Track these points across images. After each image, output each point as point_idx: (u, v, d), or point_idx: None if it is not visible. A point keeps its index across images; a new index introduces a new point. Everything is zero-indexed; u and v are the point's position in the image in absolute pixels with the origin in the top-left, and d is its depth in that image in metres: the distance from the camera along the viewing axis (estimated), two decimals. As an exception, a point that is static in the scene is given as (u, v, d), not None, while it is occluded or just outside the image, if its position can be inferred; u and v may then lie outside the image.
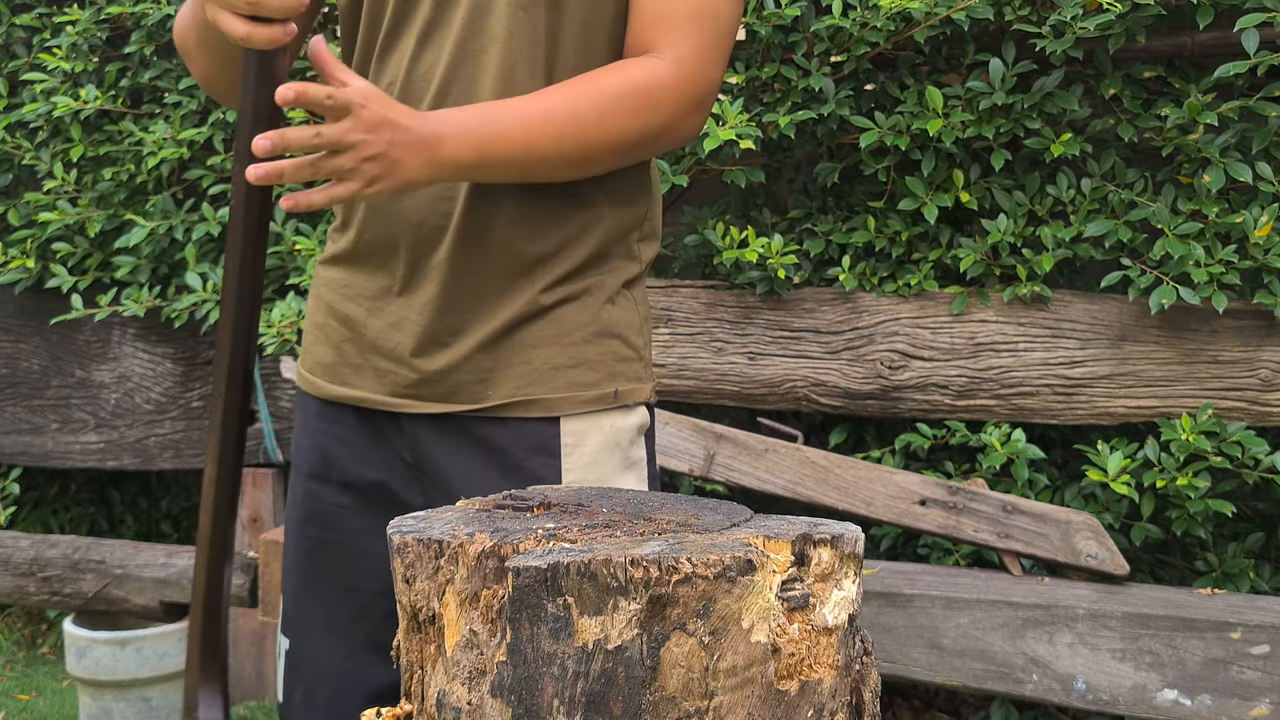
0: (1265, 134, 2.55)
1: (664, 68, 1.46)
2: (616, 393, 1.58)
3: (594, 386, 1.57)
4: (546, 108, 1.41)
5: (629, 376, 1.60)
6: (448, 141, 1.37)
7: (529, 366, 1.54)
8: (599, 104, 1.43)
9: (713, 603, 0.96)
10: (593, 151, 1.44)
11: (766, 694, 1.00)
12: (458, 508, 1.20)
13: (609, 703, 0.96)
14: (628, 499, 1.23)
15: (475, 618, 1.02)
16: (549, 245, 1.53)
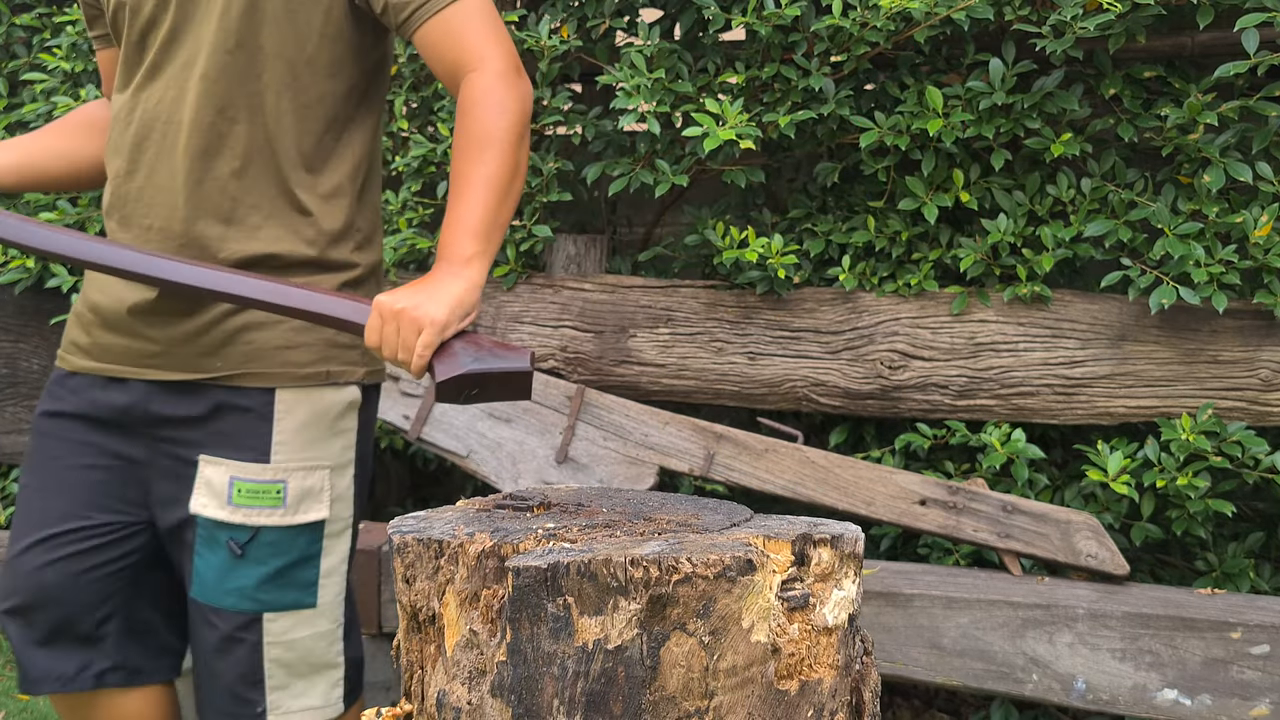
0: (1265, 134, 2.55)
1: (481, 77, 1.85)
2: (328, 372, 1.96)
3: (308, 365, 1.94)
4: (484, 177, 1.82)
5: (342, 360, 1.98)
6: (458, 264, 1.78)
7: (251, 346, 1.91)
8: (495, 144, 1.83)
9: (713, 603, 0.96)
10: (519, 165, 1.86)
11: (766, 694, 1.00)
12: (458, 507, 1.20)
13: (609, 702, 0.96)
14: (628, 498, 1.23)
15: (475, 618, 1.02)
16: (262, 247, 1.90)
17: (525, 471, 2.83)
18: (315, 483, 1.95)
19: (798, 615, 1.04)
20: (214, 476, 1.90)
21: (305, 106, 1.93)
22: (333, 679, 2.03)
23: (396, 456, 3.82)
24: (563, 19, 3.00)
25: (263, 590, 1.92)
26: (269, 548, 1.92)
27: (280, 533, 1.93)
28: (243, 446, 1.91)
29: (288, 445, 1.93)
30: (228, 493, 1.90)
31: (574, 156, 3.20)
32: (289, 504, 1.92)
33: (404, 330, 1.71)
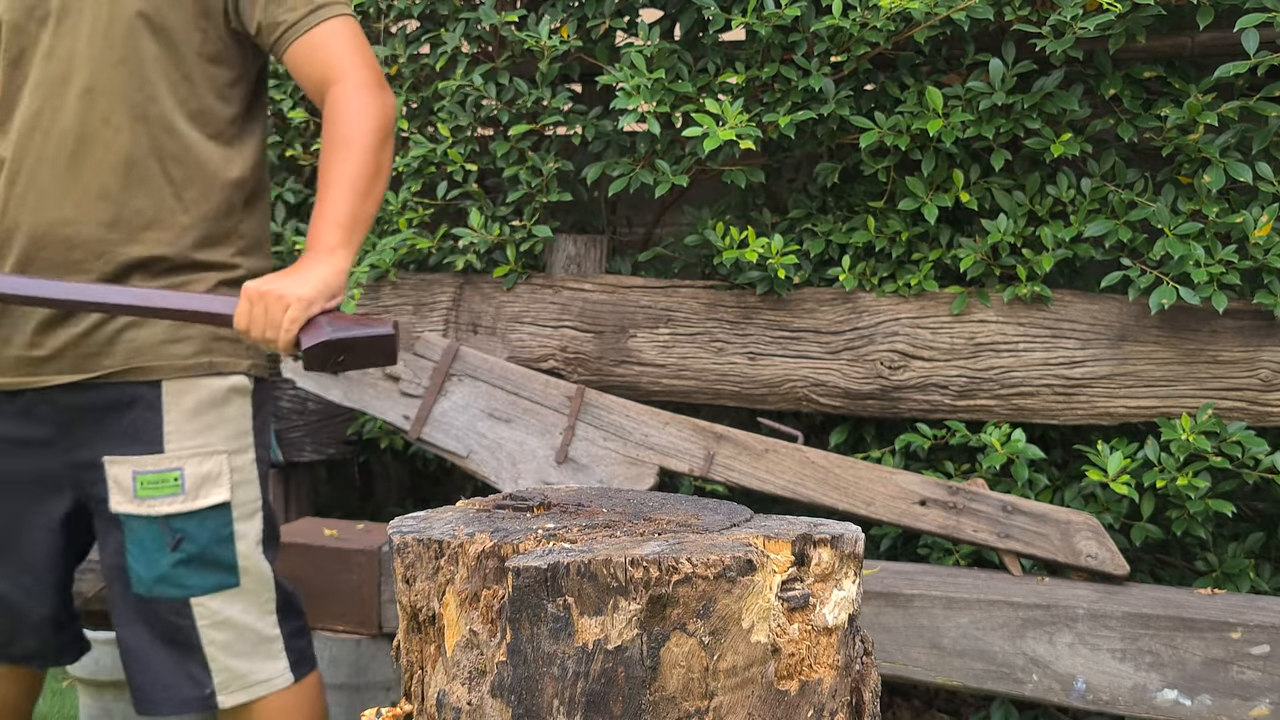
0: (1265, 134, 2.55)
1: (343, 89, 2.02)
2: (210, 362, 2.08)
3: (190, 357, 2.06)
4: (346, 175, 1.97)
5: (224, 351, 2.10)
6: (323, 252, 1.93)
7: (134, 344, 2.02)
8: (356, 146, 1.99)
9: (713, 603, 0.96)
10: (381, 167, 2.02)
11: (766, 694, 1.00)
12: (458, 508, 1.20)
13: (609, 703, 0.96)
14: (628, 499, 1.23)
15: (475, 618, 1.02)
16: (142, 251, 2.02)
17: (525, 472, 2.83)
18: (213, 467, 2.07)
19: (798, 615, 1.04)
20: (119, 475, 2.03)
21: (189, 118, 2.06)
22: (273, 651, 2.15)
23: (396, 457, 3.82)
24: (563, 19, 3.00)
25: (185, 576, 2.04)
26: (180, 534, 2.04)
27: (186, 519, 2.05)
28: (139, 440, 2.03)
29: (179, 433, 2.05)
30: (132, 487, 2.02)
31: (574, 157, 3.20)
32: (188, 490, 2.04)
33: (271, 309, 1.85)
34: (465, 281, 3.13)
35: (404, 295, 3.16)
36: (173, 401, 2.05)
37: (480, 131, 3.28)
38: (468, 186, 3.14)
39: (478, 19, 3.07)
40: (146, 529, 2.03)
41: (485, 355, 2.98)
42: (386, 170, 2.02)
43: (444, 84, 3.08)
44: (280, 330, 1.85)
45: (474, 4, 3.13)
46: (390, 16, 3.24)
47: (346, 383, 3.04)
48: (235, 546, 2.09)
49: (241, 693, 2.10)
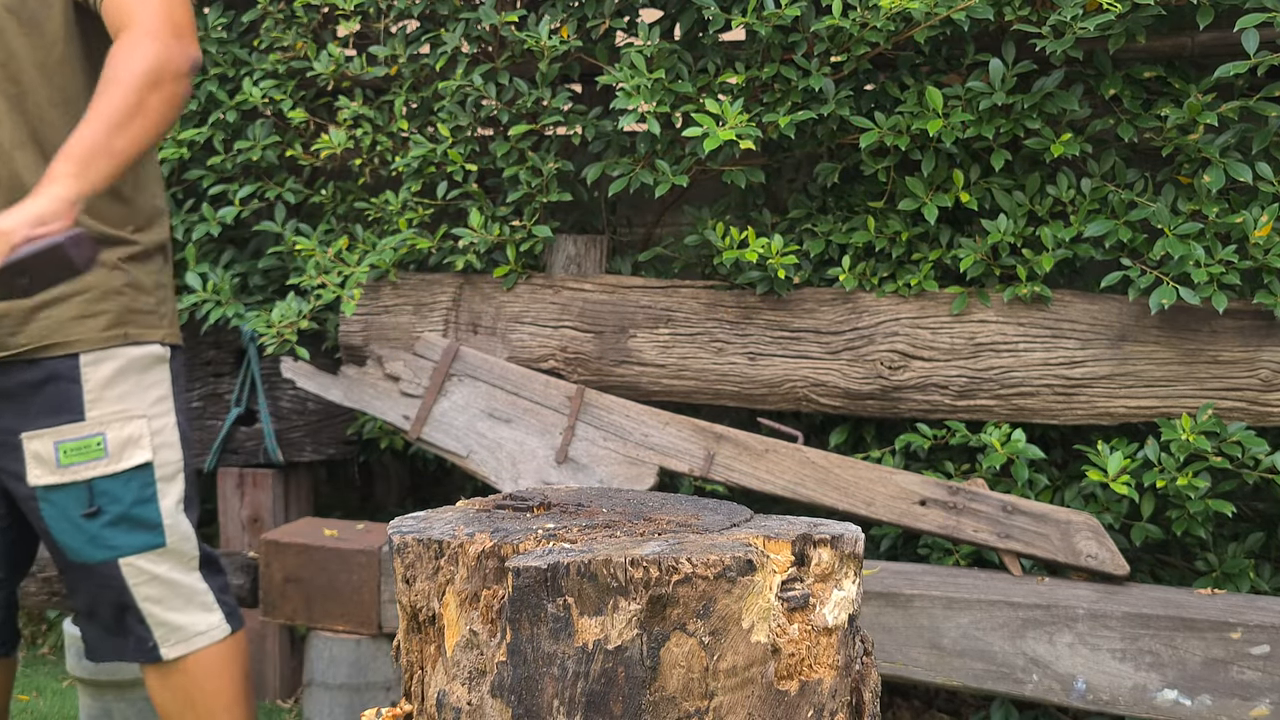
0: (1265, 134, 2.55)
1: (129, 34, 1.99)
2: (126, 334, 2.17)
3: (106, 330, 2.14)
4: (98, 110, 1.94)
5: (139, 324, 2.19)
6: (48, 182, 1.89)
7: (50, 321, 2.10)
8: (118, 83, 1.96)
9: (713, 603, 0.96)
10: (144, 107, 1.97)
11: (767, 694, 1.00)
12: (458, 508, 1.20)
13: (609, 703, 0.96)
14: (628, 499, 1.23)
15: (475, 618, 1.02)
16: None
17: (525, 472, 2.83)
18: (134, 430, 2.16)
19: (798, 615, 1.04)
20: (40, 449, 2.10)
21: (65, 103, 2.12)
22: (207, 604, 2.26)
23: (396, 457, 3.82)
24: (563, 19, 3.00)
25: (111, 536, 2.13)
26: (104, 496, 2.13)
27: (111, 481, 2.13)
28: (59, 411, 2.11)
29: (100, 401, 2.14)
30: (54, 457, 2.10)
31: (574, 157, 3.20)
32: (111, 453, 2.13)
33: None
34: (465, 281, 3.13)
35: (404, 295, 3.16)
36: (90, 372, 2.13)
37: (480, 131, 3.28)
38: (468, 186, 3.14)
39: (478, 19, 3.07)
40: (69, 496, 2.11)
41: (485, 355, 2.98)
42: (152, 114, 1.97)
43: (444, 84, 3.08)
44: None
45: (474, 4, 3.13)
46: (390, 16, 3.24)
47: (346, 383, 3.04)
48: (159, 505, 2.19)
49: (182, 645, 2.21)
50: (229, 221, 3.40)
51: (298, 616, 3.00)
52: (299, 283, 3.26)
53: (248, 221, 3.59)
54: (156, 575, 2.17)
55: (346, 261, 3.22)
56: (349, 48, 3.36)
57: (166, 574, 2.19)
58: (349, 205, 3.44)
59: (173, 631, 2.20)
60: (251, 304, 3.48)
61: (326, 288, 3.18)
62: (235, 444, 3.46)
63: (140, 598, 2.16)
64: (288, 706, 3.44)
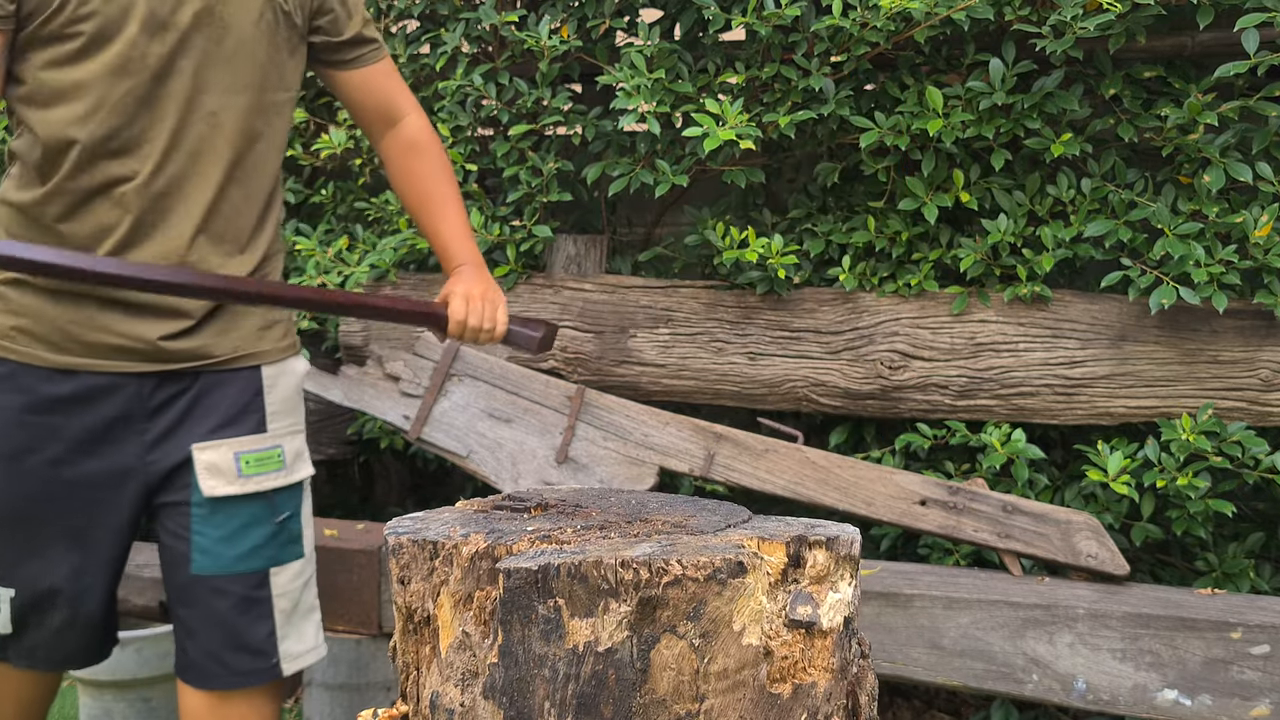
0: (1265, 134, 2.55)
1: (424, 122, 2.38)
2: (294, 344, 2.25)
3: (281, 340, 2.21)
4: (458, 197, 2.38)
5: (291, 335, 2.26)
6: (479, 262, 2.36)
7: (238, 333, 2.13)
8: (451, 173, 2.41)
9: (703, 605, 0.96)
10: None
11: (759, 697, 1.00)
12: (455, 509, 1.21)
13: (599, 705, 0.96)
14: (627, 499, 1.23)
15: (469, 619, 1.02)
16: (240, 249, 2.12)
17: (525, 472, 2.83)
18: (299, 444, 2.22)
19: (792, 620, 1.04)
20: (216, 459, 2.09)
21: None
22: (317, 621, 2.26)
23: (396, 457, 3.82)
24: (563, 19, 3.00)
25: (270, 548, 2.13)
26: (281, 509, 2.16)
27: (285, 493, 2.16)
28: (239, 422, 2.12)
29: (278, 414, 2.18)
30: (235, 467, 2.09)
31: (574, 157, 3.20)
32: (288, 465, 2.16)
33: (488, 307, 2.23)
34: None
35: (404, 295, 3.16)
36: (271, 384, 2.17)
37: (480, 131, 3.28)
38: (468, 186, 3.14)
39: (478, 19, 3.07)
40: (248, 508, 2.11)
41: (485, 355, 2.98)
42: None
43: (444, 84, 3.08)
44: (497, 323, 2.24)
45: (474, 4, 3.13)
46: (390, 16, 3.24)
47: (346, 383, 3.04)
48: (302, 518, 2.22)
49: (294, 662, 2.18)
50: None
51: (298, 616, 3.00)
52: (299, 283, 3.26)
53: (249, 221, 3.58)
54: (292, 589, 2.17)
55: (346, 261, 3.22)
56: (349, 48, 3.35)
57: (298, 586, 2.19)
58: (349, 205, 3.44)
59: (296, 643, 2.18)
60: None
61: (326, 288, 3.18)
62: (236, 444, 3.45)
63: (277, 609, 2.14)
64: (288, 706, 3.44)
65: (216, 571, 2.10)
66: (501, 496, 1.24)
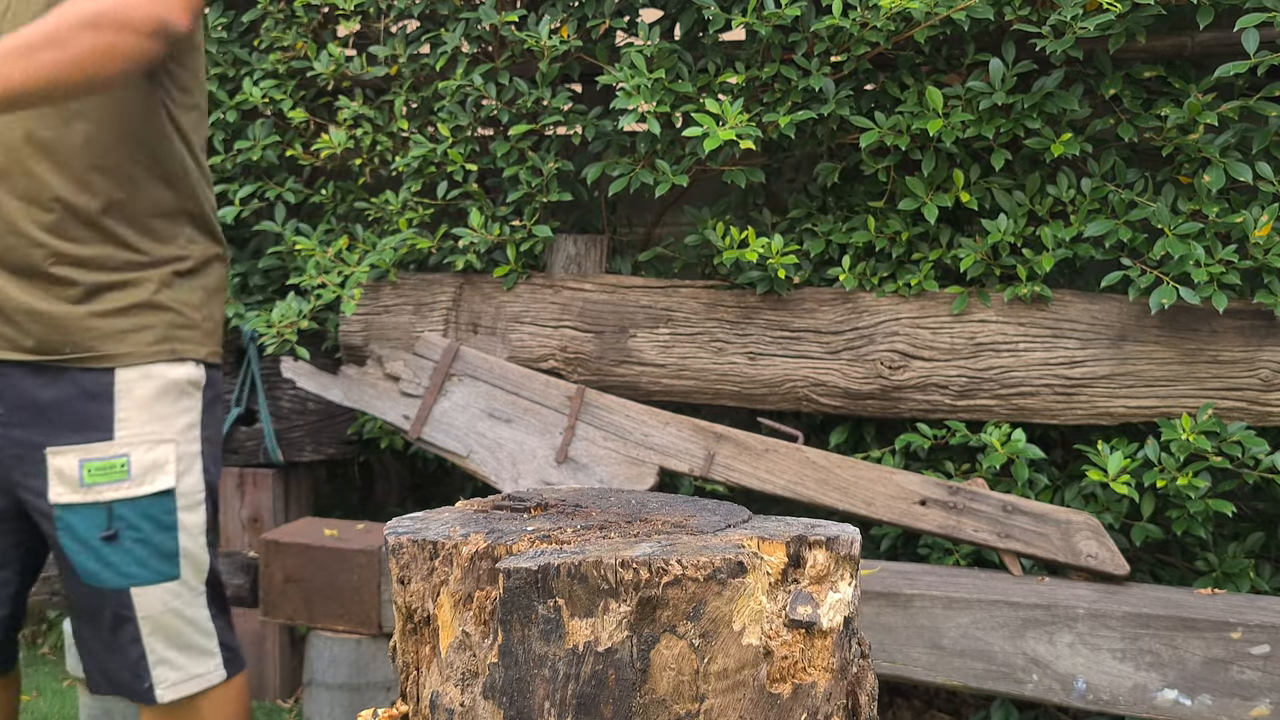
0: (1265, 134, 2.55)
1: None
2: (173, 349, 2.07)
3: (152, 344, 2.04)
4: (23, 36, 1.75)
5: (184, 338, 2.08)
6: None
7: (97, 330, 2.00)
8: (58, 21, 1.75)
9: (703, 605, 0.96)
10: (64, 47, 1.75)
11: (759, 697, 1.00)
12: (456, 509, 1.20)
13: (599, 705, 0.96)
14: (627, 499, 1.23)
15: (468, 619, 1.02)
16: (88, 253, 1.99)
17: (525, 472, 2.83)
18: (160, 455, 2.05)
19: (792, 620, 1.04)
20: (63, 465, 2.00)
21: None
22: (208, 647, 2.13)
23: (396, 456, 3.82)
24: (563, 19, 3.00)
25: (126, 564, 2.03)
26: (122, 521, 2.02)
27: (130, 505, 2.02)
28: (87, 428, 2.01)
29: (130, 421, 2.02)
30: (79, 475, 2.00)
31: (574, 157, 3.20)
32: (134, 476, 2.02)
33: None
34: (465, 281, 3.13)
35: (404, 295, 3.16)
36: (125, 390, 2.03)
37: (480, 131, 3.28)
38: (468, 186, 3.14)
39: (478, 19, 3.07)
40: (88, 517, 2.01)
41: (485, 355, 2.98)
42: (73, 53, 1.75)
43: (444, 84, 3.08)
44: None
45: (474, 4, 3.13)
46: (390, 16, 3.24)
47: (346, 383, 3.04)
48: (177, 536, 2.08)
49: (177, 688, 2.08)
50: (229, 221, 3.40)
51: (298, 616, 3.00)
52: (299, 282, 3.26)
53: (248, 221, 3.59)
54: (166, 610, 2.06)
55: (346, 261, 3.22)
56: (349, 48, 3.36)
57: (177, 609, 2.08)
58: (349, 205, 3.44)
59: (172, 670, 2.08)
60: (252, 304, 3.48)
61: (326, 288, 3.18)
62: (235, 444, 3.46)
63: (145, 632, 2.04)
64: (288, 706, 3.44)
65: (90, 583, 2.03)
66: (501, 497, 1.24)
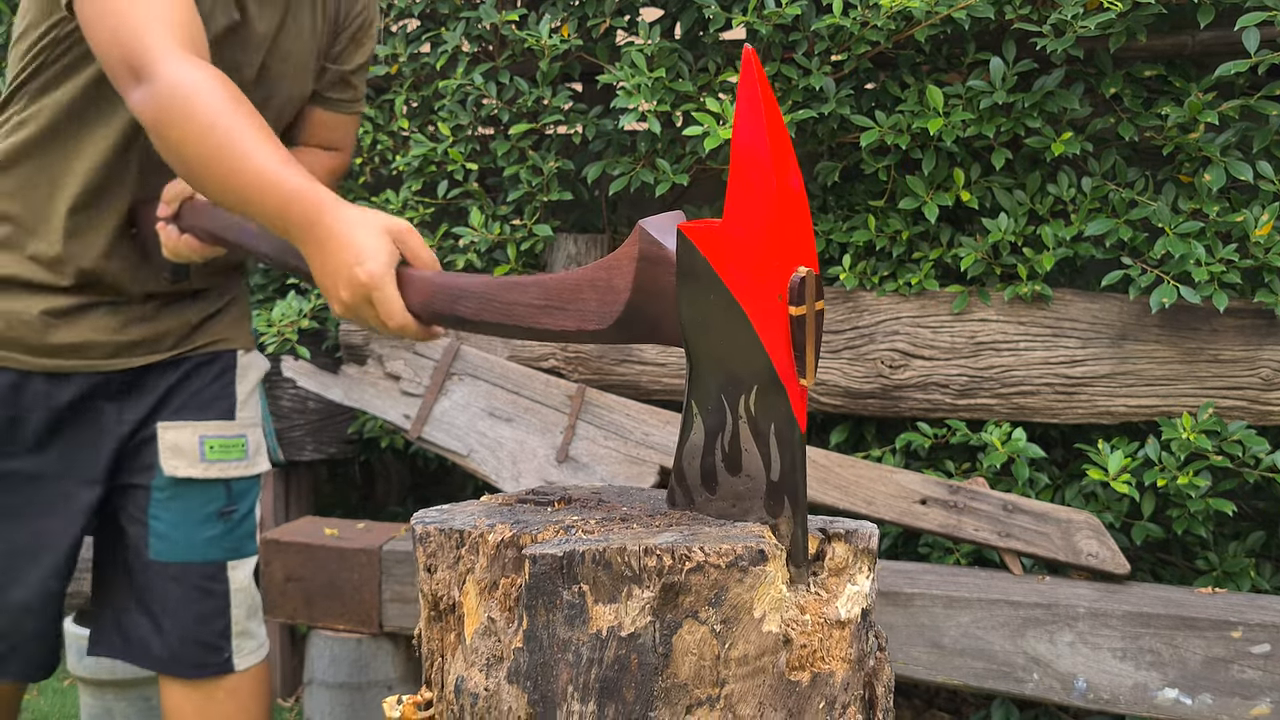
0: (1266, 133, 2.56)
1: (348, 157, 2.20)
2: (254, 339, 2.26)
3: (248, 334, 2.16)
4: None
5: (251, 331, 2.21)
6: None
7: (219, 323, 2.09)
8: None
9: (725, 592, 0.97)
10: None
11: (778, 684, 1.01)
12: (481, 502, 1.21)
13: (622, 689, 0.96)
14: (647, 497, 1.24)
15: (494, 606, 1.03)
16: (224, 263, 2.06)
17: (525, 471, 2.83)
18: (259, 437, 2.16)
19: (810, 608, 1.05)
20: (179, 440, 2.03)
21: None
22: (261, 618, 2.19)
23: (397, 456, 3.82)
24: (563, 18, 3.01)
25: (228, 539, 2.08)
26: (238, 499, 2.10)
27: (245, 483, 2.11)
28: (209, 407, 2.06)
29: (246, 404, 2.12)
30: (199, 451, 2.04)
31: (574, 156, 3.20)
32: (250, 456, 2.11)
33: None
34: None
35: (404, 294, 3.16)
36: (242, 374, 2.13)
37: (481, 130, 3.28)
38: (468, 185, 3.14)
39: (478, 18, 3.07)
40: (205, 493, 2.05)
41: (486, 354, 2.98)
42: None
43: (444, 83, 3.08)
44: None
45: (474, 3, 3.13)
46: (390, 16, 3.24)
47: (347, 382, 3.04)
48: (256, 514, 2.17)
49: (250, 656, 2.13)
50: (229, 221, 3.40)
51: (298, 615, 3.00)
52: (299, 282, 3.26)
53: (247, 221, 3.58)
54: (249, 580, 2.12)
55: (347, 260, 3.22)
56: (349, 47, 3.35)
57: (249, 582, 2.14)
58: (349, 204, 3.44)
59: (250, 640, 2.12)
60: (252, 303, 3.48)
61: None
62: (235, 443, 3.45)
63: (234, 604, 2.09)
64: (288, 705, 3.44)
65: (173, 559, 2.05)
66: (525, 492, 1.25)
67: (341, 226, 1.40)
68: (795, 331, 1.04)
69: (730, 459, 1.09)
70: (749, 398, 1.06)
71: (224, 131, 1.51)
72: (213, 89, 1.54)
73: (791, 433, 1.04)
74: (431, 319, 1.34)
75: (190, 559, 2.05)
